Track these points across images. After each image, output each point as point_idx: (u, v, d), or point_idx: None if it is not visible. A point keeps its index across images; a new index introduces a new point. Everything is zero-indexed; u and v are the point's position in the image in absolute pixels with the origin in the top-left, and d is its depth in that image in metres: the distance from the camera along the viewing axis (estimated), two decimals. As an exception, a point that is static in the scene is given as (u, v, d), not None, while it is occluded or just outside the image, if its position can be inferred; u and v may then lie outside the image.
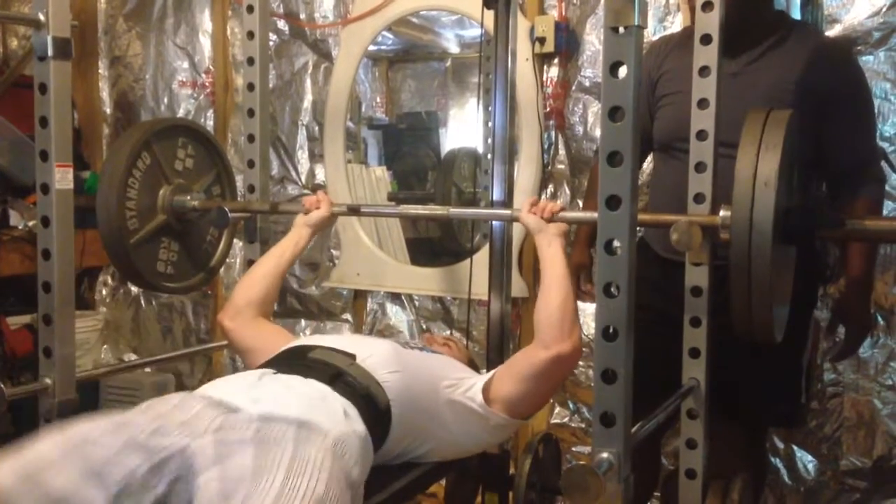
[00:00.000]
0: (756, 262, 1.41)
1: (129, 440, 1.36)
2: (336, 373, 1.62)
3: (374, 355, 1.70)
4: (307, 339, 1.89)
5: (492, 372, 1.80)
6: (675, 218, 1.61)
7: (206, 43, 3.49)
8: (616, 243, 1.15)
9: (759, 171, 1.42)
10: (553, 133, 2.82)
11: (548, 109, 2.81)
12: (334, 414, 1.52)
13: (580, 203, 2.69)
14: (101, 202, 1.99)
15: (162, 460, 1.35)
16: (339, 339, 1.85)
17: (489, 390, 1.74)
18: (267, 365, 1.71)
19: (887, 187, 2.31)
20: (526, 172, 2.80)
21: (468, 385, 1.76)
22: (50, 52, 1.68)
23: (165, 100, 3.59)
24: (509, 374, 1.75)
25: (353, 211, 2.21)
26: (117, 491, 1.32)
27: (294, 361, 1.69)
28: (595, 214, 1.18)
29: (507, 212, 2.00)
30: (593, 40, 2.72)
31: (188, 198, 2.17)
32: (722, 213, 1.54)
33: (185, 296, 3.59)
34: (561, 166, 2.82)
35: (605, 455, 1.16)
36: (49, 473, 1.30)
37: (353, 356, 1.69)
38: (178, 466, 1.36)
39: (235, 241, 3.38)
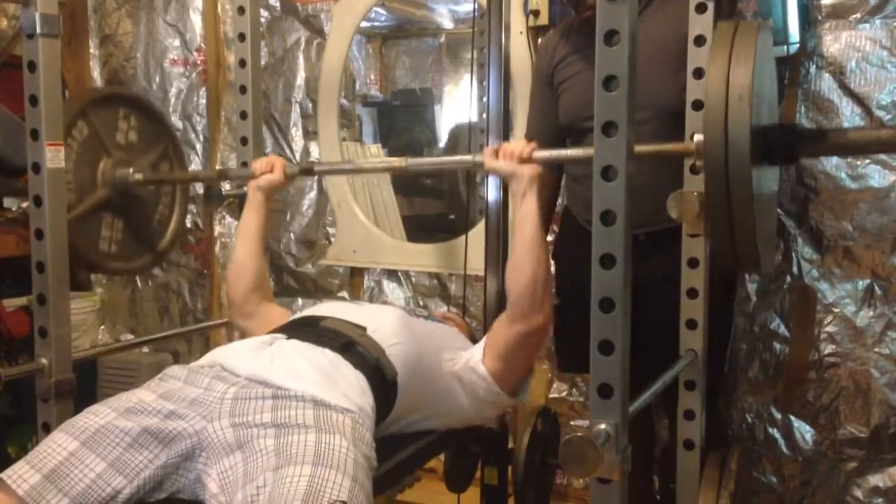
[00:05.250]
0: (736, 187, 1.30)
1: (144, 426, 1.37)
2: (348, 342, 1.62)
3: (383, 327, 1.71)
4: (317, 308, 1.86)
5: (481, 342, 1.80)
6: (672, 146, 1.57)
7: (196, 20, 3.46)
8: (613, 213, 1.14)
9: (732, 85, 1.30)
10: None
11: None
12: (349, 386, 1.52)
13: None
14: None
15: (175, 442, 1.37)
16: (348, 308, 1.83)
17: (484, 359, 1.75)
18: (278, 331, 1.71)
19: (885, 156, 2.31)
20: (521, 147, 2.78)
21: (468, 356, 1.77)
22: (38, 30, 1.67)
23: (157, 78, 3.56)
24: (491, 350, 1.75)
25: (307, 171, 2.14)
26: (139, 477, 1.33)
27: (305, 329, 1.69)
28: (574, 151, 1.15)
29: (467, 158, 1.87)
30: (588, 12, 2.70)
31: (130, 171, 2.07)
32: (696, 137, 1.44)
33: (181, 276, 3.60)
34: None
35: (602, 426, 1.16)
36: (70, 467, 1.32)
37: (363, 328, 1.69)
38: (189, 447, 1.37)
39: (230, 219, 3.40)
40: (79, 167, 1.97)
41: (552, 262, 2.31)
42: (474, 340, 2.03)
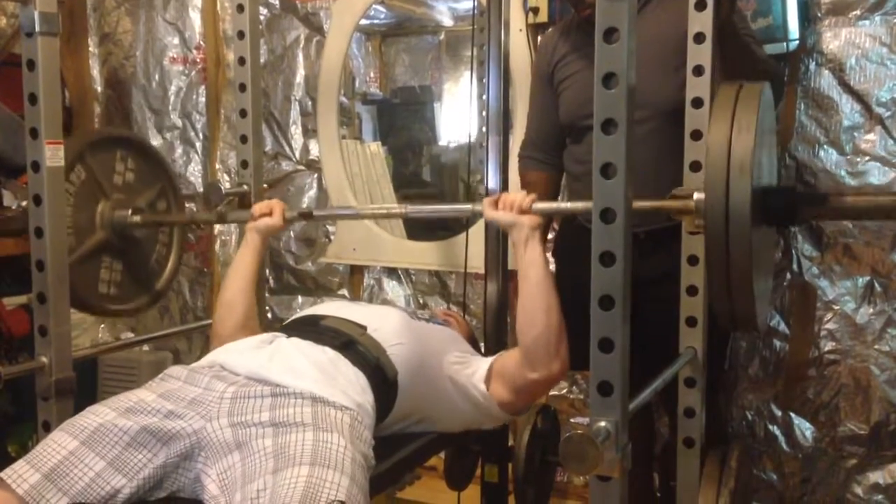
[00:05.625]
0: (735, 250, 1.30)
1: (144, 425, 1.37)
2: (348, 341, 1.63)
3: (384, 326, 1.71)
4: (318, 307, 1.86)
5: (490, 361, 1.75)
6: (670, 202, 1.56)
7: (196, 18, 3.45)
8: (613, 211, 1.14)
9: (733, 153, 1.30)
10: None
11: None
12: (348, 384, 1.52)
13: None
14: None
15: (174, 441, 1.37)
16: (349, 308, 1.83)
17: (489, 382, 1.72)
18: (278, 330, 1.72)
19: (884, 153, 2.31)
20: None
21: (473, 370, 1.74)
22: (37, 28, 1.66)
23: (157, 76, 3.56)
24: (502, 379, 1.71)
25: (305, 216, 2.14)
26: (138, 476, 1.33)
27: (306, 327, 1.69)
28: (573, 204, 1.14)
29: (467, 206, 1.83)
30: (587, 9, 2.70)
31: (129, 212, 2.06)
32: (696, 196, 1.41)
33: (181, 275, 3.59)
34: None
35: (602, 424, 1.15)
36: (69, 466, 1.32)
37: (364, 327, 1.69)
38: (188, 446, 1.37)
39: (230, 217, 3.39)
40: (77, 210, 1.96)
41: (552, 259, 2.31)
42: (474, 340, 2.03)
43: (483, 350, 2.09)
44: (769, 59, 2.08)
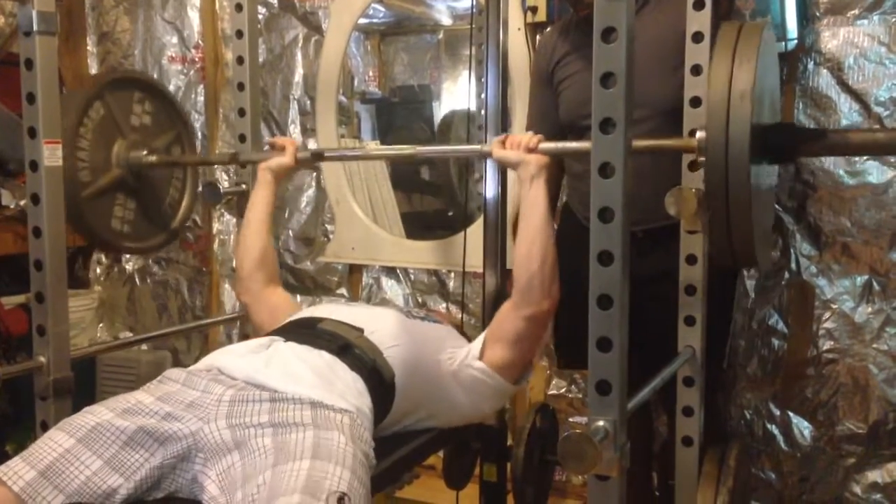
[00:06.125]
0: (734, 182, 1.34)
1: (141, 426, 1.37)
2: (345, 344, 1.63)
3: (380, 328, 1.71)
4: (314, 309, 1.87)
5: (481, 336, 1.79)
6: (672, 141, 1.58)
7: (194, 17, 3.45)
8: (611, 210, 1.14)
9: (734, 84, 1.34)
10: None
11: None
12: (346, 388, 1.52)
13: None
14: None
15: (171, 442, 1.37)
16: (346, 310, 1.84)
17: (485, 355, 1.75)
18: (275, 332, 1.72)
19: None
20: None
21: (465, 353, 1.76)
22: (35, 27, 1.66)
23: (155, 75, 3.54)
24: (496, 339, 1.75)
25: (317, 157, 2.15)
26: (135, 476, 1.33)
27: (303, 331, 1.69)
28: (578, 144, 1.14)
29: (475, 147, 1.89)
30: (586, 8, 2.69)
31: (144, 153, 2.11)
32: (698, 134, 1.47)
33: (179, 273, 3.60)
34: (555, 137, 2.80)
35: (601, 423, 1.15)
36: (65, 464, 1.32)
37: (360, 329, 1.69)
38: (185, 447, 1.37)
39: (228, 217, 3.39)
40: (94, 146, 2.01)
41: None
42: (463, 334, 2.04)
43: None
44: None
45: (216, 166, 3.40)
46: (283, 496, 1.20)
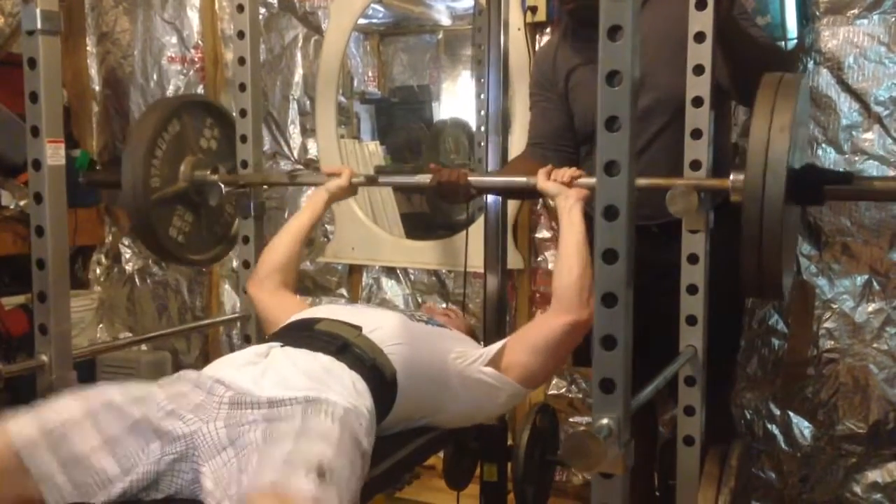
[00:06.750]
0: (767, 223, 1.44)
1: (146, 415, 1.40)
2: (343, 344, 1.63)
3: (381, 328, 1.71)
4: (313, 310, 1.87)
5: (501, 343, 1.79)
6: (674, 182, 1.60)
7: (194, 17, 3.45)
8: (616, 208, 1.14)
9: (773, 135, 1.44)
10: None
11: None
12: (343, 387, 1.52)
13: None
14: (130, 151, 2.10)
15: (171, 441, 1.39)
16: (346, 310, 1.85)
17: (501, 361, 1.75)
18: (274, 337, 1.73)
19: (883, 152, 2.32)
20: (520, 143, 2.78)
21: (475, 357, 1.76)
22: (38, 26, 1.67)
23: (155, 76, 3.56)
24: (524, 344, 1.77)
25: (371, 181, 2.23)
26: (127, 465, 1.35)
27: (301, 334, 1.69)
28: None
29: (522, 179, 1.97)
30: (587, 9, 2.70)
31: (208, 172, 2.24)
32: (733, 176, 1.56)
33: (179, 274, 3.59)
34: (555, 137, 2.80)
35: (605, 421, 1.15)
36: (69, 430, 1.35)
37: (359, 328, 1.69)
38: (184, 447, 1.38)
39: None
40: (166, 158, 2.16)
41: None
42: (473, 335, 2.03)
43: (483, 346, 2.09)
44: (775, 46, 2.08)
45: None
46: (265, 473, 1.25)
